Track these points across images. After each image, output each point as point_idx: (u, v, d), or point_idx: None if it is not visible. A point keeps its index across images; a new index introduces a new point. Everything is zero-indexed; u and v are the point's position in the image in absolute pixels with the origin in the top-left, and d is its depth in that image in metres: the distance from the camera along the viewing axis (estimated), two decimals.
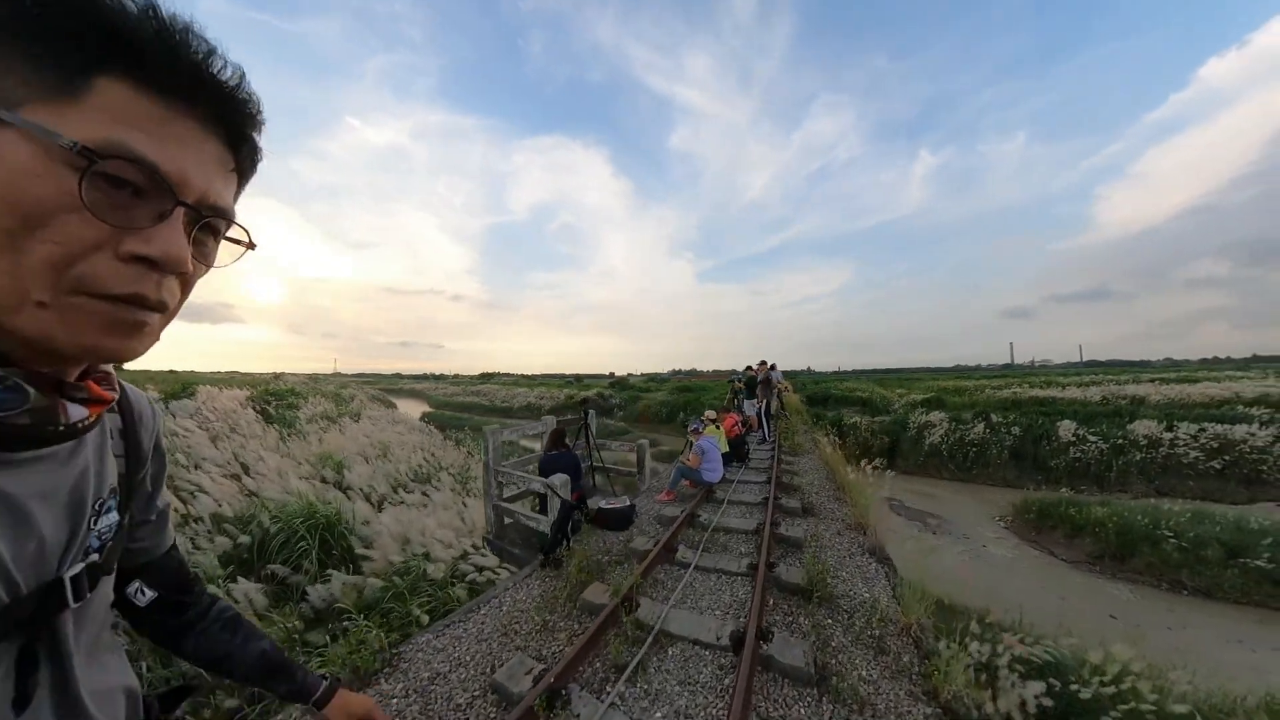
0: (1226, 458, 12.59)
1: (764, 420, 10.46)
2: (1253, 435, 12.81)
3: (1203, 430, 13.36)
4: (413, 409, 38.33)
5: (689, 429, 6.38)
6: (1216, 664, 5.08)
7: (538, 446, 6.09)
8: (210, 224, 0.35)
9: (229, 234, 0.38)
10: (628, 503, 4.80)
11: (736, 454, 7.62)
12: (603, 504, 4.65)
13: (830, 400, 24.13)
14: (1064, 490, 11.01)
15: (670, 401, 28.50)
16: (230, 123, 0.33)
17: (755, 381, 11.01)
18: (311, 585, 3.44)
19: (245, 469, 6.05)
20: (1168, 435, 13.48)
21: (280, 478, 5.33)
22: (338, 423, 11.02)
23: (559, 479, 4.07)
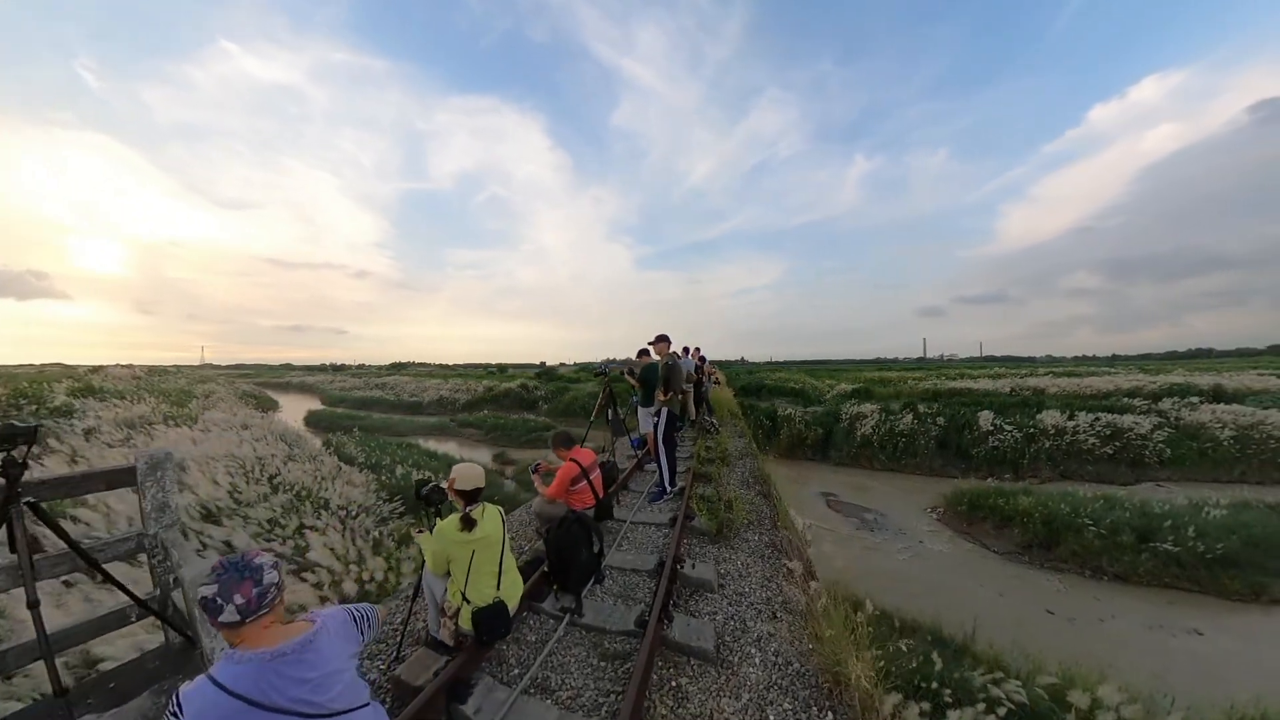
0: (1117, 444, 14.22)
1: (662, 450, 5.39)
2: (1137, 424, 14.62)
3: (1097, 419, 15.02)
4: (299, 407, 33.97)
5: (200, 594, 1.16)
6: (1158, 656, 5.18)
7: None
8: None
9: None
10: None
11: (562, 573, 3.15)
12: None
13: (764, 391, 24.61)
14: (989, 481, 11.68)
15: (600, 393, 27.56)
16: None
17: (655, 374, 5.87)
18: None
19: None
20: (1070, 424, 15.00)
21: None
22: (147, 432, 8.75)
23: None
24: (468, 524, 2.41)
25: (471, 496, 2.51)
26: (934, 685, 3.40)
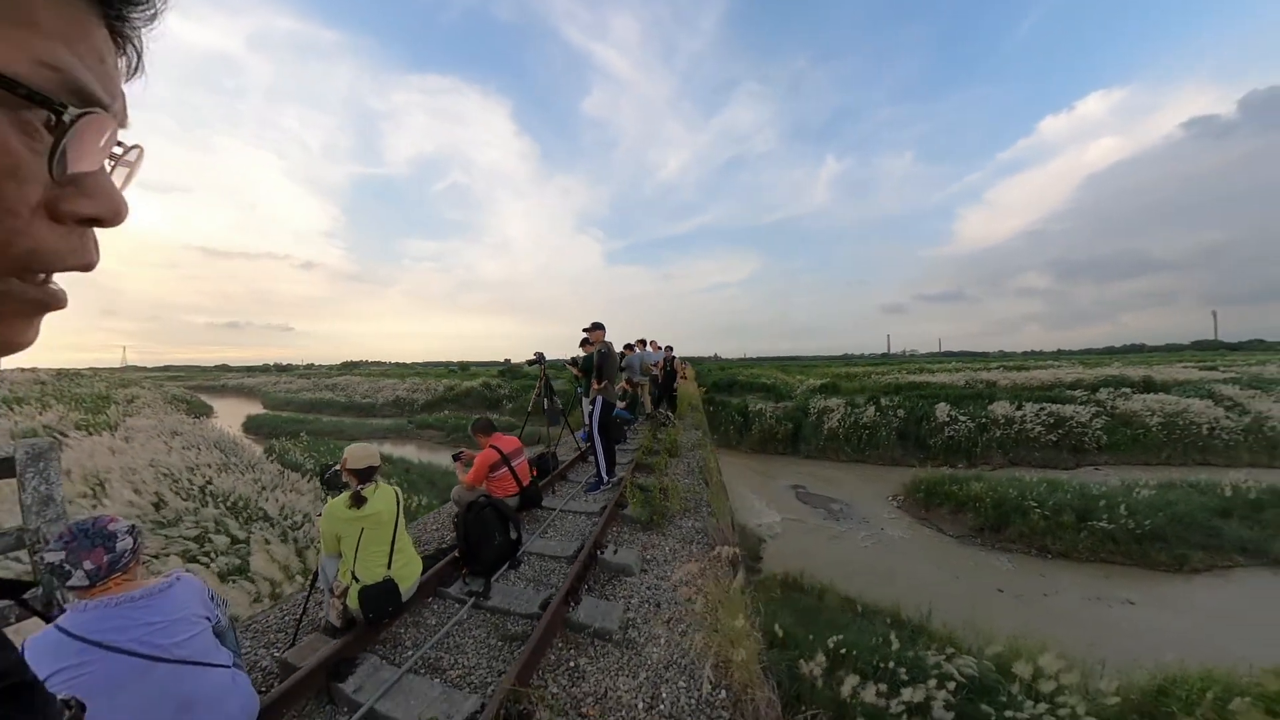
0: (1060, 431, 15.31)
1: (598, 439, 5.26)
2: (1078, 413, 15.79)
3: (1043, 409, 16.12)
4: (238, 412, 32.04)
5: (45, 560, 1.27)
6: (1097, 628, 5.61)
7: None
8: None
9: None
10: None
11: (472, 559, 3.12)
12: None
13: (736, 387, 25.04)
14: (944, 469, 12.31)
15: (568, 391, 27.36)
16: (134, 25, 0.24)
17: (593, 365, 5.52)
18: None
19: None
20: (1018, 414, 16.03)
21: None
22: (56, 441, 8.05)
23: None
24: (356, 501, 2.42)
25: (365, 475, 2.52)
26: (890, 665, 3.57)
